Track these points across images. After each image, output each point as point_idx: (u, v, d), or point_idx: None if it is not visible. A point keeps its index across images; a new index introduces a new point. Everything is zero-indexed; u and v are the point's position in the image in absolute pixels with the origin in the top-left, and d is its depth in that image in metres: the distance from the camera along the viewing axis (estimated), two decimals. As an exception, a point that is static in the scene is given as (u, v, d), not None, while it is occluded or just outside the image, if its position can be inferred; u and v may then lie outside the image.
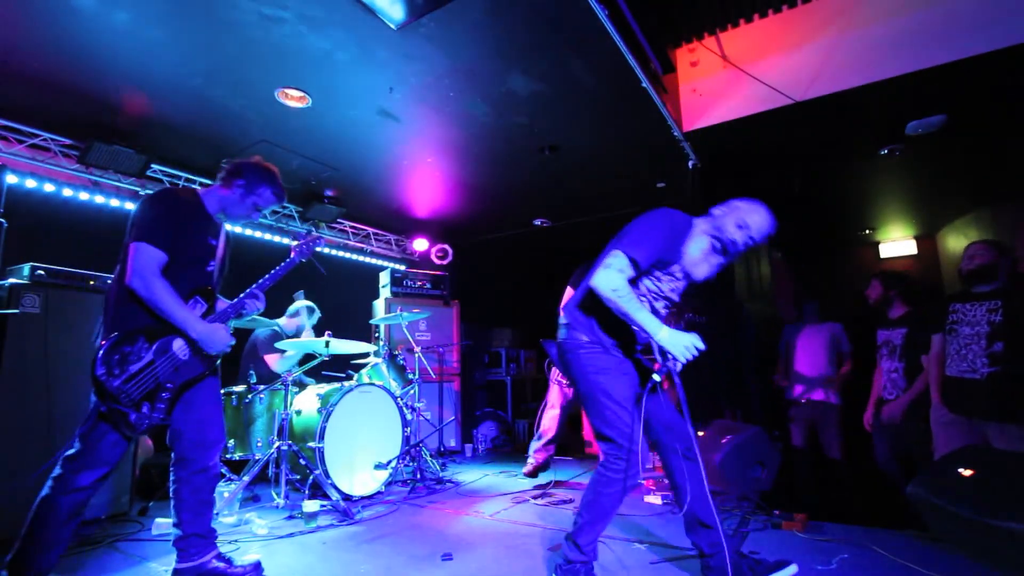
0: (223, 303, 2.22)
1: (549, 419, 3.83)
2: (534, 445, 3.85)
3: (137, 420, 1.85)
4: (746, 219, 2.11)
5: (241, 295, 2.24)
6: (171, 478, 2.07)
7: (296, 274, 4.91)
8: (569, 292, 3.75)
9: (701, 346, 1.87)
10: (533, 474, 3.76)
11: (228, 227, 2.37)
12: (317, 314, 4.37)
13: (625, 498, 2.01)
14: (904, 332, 3.28)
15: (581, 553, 1.99)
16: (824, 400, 3.84)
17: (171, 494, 2.06)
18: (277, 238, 5.28)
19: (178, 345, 1.98)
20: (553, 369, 3.92)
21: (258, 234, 5.12)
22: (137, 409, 1.86)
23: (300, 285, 4.42)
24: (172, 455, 2.07)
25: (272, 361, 3.95)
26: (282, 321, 4.23)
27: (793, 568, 2.05)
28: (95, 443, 1.85)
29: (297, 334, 4.29)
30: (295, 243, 2.54)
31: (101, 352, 1.82)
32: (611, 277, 1.90)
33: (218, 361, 2.15)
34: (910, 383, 3.22)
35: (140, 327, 1.92)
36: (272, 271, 2.33)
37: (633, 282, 2.00)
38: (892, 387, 3.31)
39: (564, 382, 3.83)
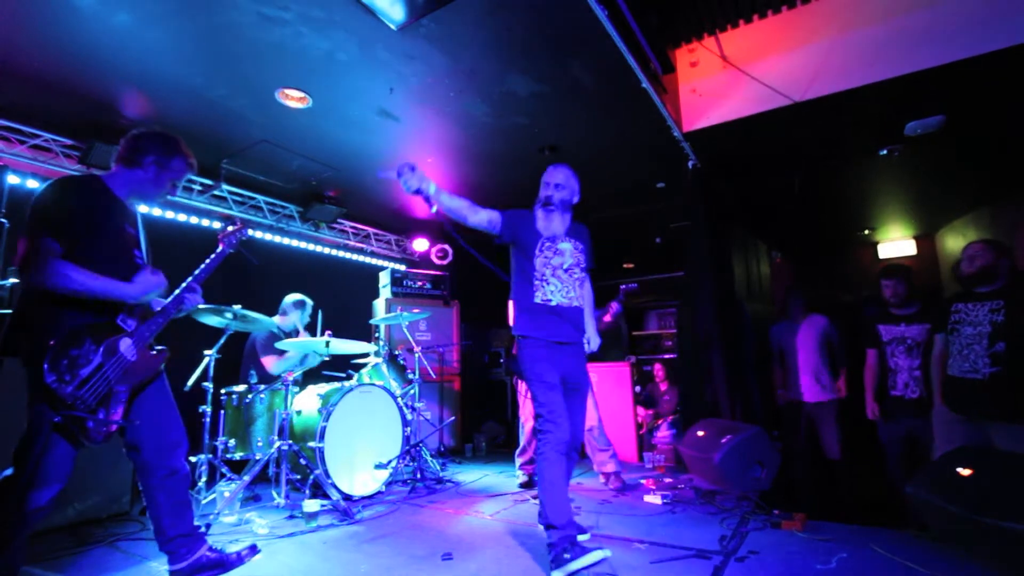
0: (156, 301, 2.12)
1: (529, 433, 3.84)
2: (519, 460, 3.86)
3: (95, 428, 1.75)
4: (543, 178, 2.70)
5: (178, 290, 2.10)
6: (140, 487, 2.00)
7: (294, 277, 4.89)
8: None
9: None
10: (528, 485, 3.77)
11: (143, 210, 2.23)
12: (308, 308, 4.34)
13: (561, 459, 2.25)
14: (926, 328, 3.21)
15: (558, 530, 2.11)
16: (820, 400, 3.86)
17: (144, 502, 2.00)
18: (278, 238, 5.28)
19: (125, 345, 1.88)
20: (523, 383, 3.90)
21: (259, 234, 5.13)
22: (94, 415, 1.75)
23: (297, 287, 4.44)
24: (135, 464, 1.99)
25: (269, 363, 3.93)
26: (276, 319, 4.23)
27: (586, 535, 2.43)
28: (40, 459, 1.71)
29: (294, 331, 4.29)
30: (222, 232, 2.41)
31: (48, 357, 1.67)
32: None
33: (163, 365, 2.06)
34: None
35: (82, 326, 1.78)
36: (204, 263, 2.22)
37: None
38: (915, 385, 3.25)
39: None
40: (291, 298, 4.29)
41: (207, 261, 2.25)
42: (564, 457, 2.25)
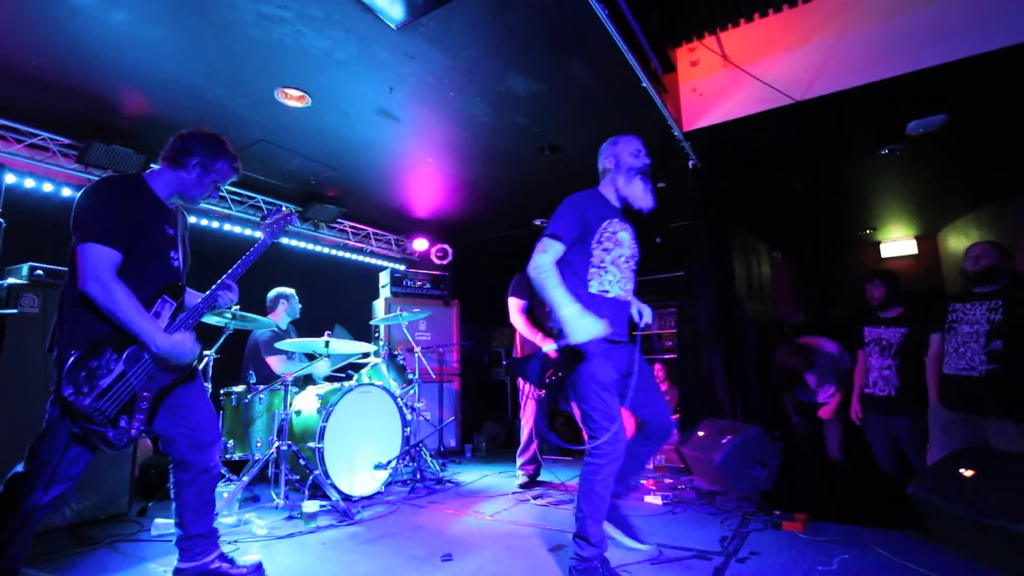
0: (192, 295, 2.09)
1: (528, 431, 3.83)
2: (519, 459, 3.85)
3: (116, 437, 1.73)
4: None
5: (212, 287, 2.07)
6: (171, 479, 2.02)
7: (294, 277, 4.85)
8: (515, 302, 3.77)
9: (602, 333, 1.94)
10: (528, 485, 3.76)
11: (185, 212, 2.19)
12: (294, 299, 4.29)
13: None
14: (904, 332, 3.31)
15: (595, 547, 1.99)
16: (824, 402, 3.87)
17: (172, 496, 2.02)
18: (277, 238, 5.26)
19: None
20: (526, 385, 3.87)
21: (259, 234, 5.11)
22: (114, 426, 1.73)
23: (297, 287, 4.42)
24: (171, 458, 2.01)
25: (275, 363, 3.93)
26: (271, 318, 4.20)
27: (651, 550, 2.30)
28: (55, 461, 1.71)
29: (291, 327, 4.27)
30: (264, 222, 2.34)
31: (65, 370, 1.67)
32: (536, 259, 2.11)
33: (194, 363, 2.02)
34: (902, 381, 3.27)
35: (103, 336, 1.76)
36: (243, 257, 2.16)
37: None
38: (884, 384, 3.35)
39: (537, 397, 3.80)
40: (272, 292, 4.27)
41: (247, 255, 2.18)
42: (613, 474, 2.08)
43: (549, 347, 3.64)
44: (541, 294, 2.07)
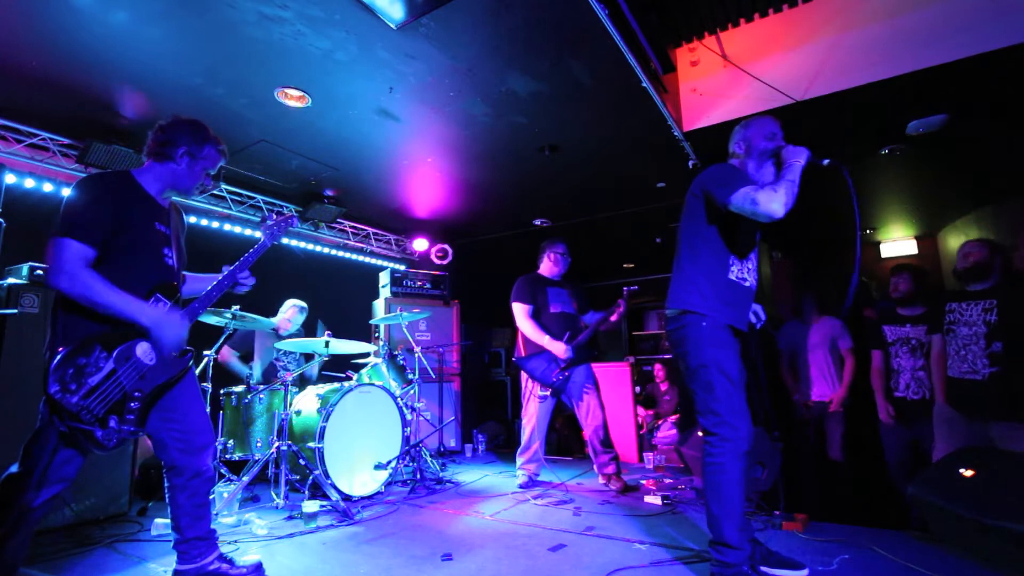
0: (196, 280, 2.06)
1: (528, 431, 3.82)
2: (520, 459, 3.85)
3: (105, 437, 1.69)
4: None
5: (223, 273, 2.04)
6: (165, 484, 2.01)
7: (294, 277, 4.86)
8: (521, 307, 3.76)
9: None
10: (528, 485, 3.76)
11: (179, 208, 2.17)
12: (305, 314, 4.37)
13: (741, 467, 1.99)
14: (927, 329, 3.24)
15: (737, 550, 1.94)
16: (828, 400, 3.84)
17: (167, 500, 2.01)
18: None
19: (142, 350, 1.81)
20: (528, 383, 3.86)
21: (259, 235, 5.11)
22: (103, 425, 1.68)
23: (297, 287, 4.43)
24: (163, 462, 1.99)
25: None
26: (275, 320, 4.22)
27: (804, 572, 2.06)
28: (46, 460, 1.68)
29: (293, 334, 4.28)
30: (265, 224, 2.35)
31: (52, 367, 1.63)
32: (767, 195, 1.98)
33: (191, 360, 2.01)
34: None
35: (94, 334, 1.73)
36: (242, 258, 2.18)
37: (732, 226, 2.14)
38: (918, 386, 3.26)
39: (540, 395, 3.78)
40: (291, 302, 4.33)
41: (245, 256, 2.18)
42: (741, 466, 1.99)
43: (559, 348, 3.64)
44: (793, 194, 2.07)
